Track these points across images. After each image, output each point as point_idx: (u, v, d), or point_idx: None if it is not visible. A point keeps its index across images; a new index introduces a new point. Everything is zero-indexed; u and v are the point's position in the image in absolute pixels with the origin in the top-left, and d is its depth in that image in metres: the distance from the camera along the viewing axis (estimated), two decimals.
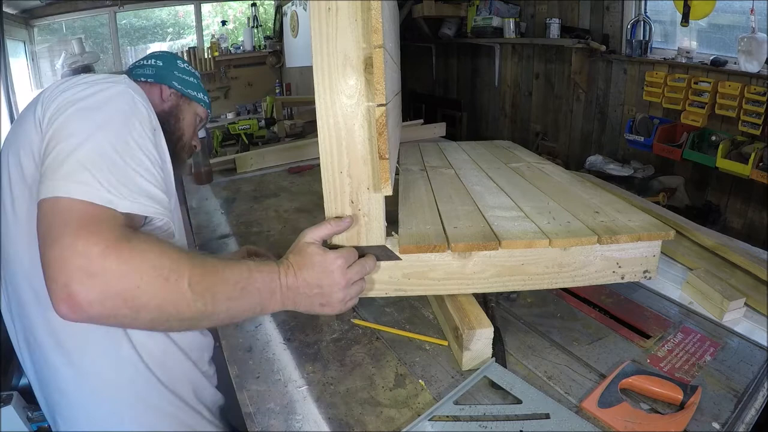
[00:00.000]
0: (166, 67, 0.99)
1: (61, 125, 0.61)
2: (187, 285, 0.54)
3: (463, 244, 0.76)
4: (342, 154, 0.71)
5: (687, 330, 0.83)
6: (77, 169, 0.56)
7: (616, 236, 0.77)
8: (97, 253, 0.50)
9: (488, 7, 3.54)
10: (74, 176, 0.55)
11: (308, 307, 0.68)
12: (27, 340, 0.74)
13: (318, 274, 0.66)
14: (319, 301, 0.67)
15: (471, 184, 1.11)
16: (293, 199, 1.59)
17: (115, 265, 0.51)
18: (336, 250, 0.69)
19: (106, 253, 0.50)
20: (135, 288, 0.51)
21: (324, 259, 0.67)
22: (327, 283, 0.67)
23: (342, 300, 0.69)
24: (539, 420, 0.64)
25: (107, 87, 0.67)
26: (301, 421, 0.66)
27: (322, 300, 0.67)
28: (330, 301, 0.68)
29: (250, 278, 0.61)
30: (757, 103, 2.07)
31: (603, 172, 2.58)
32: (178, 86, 1.00)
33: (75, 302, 0.49)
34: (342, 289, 0.68)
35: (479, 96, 4.19)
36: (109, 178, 0.57)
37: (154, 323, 0.55)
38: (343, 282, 0.68)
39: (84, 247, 0.50)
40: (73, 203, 0.54)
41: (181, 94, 1.01)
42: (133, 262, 0.52)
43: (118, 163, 0.60)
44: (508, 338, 0.82)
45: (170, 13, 5.26)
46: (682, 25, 2.35)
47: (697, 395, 0.65)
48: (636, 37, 2.70)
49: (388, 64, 0.81)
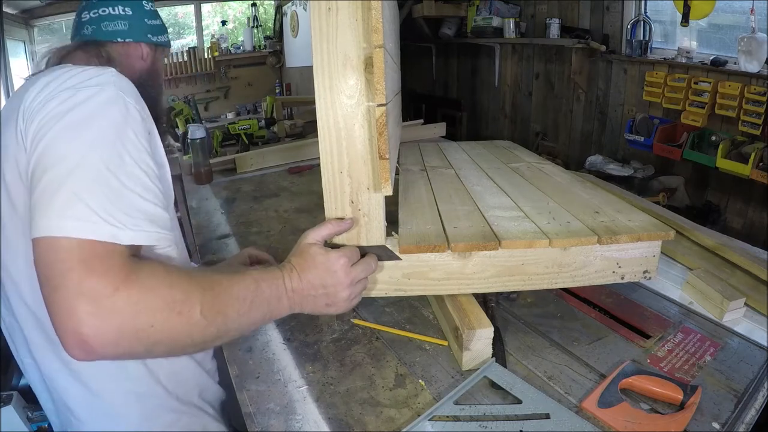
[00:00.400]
0: (136, 16, 0.89)
1: (47, 146, 0.56)
2: (199, 314, 0.53)
3: (463, 244, 0.76)
4: (342, 154, 0.71)
5: (687, 330, 0.83)
6: (72, 202, 0.52)
7: (616, 236, 0.77)
8: (106, 294, 0.48)
9: (488, 7, 3.54)
10: (70, 211, 0.51)
11: (314, 308, 0.68)
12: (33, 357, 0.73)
13: (322, 274, 0.66)
14: (325, 301, 0.68)
15: (471, 184, 1.11)
16: (293, 199, 1.59)
17: (126, 305, 0.49)
18: (338, 249, 0.69)
19: (115, 294, 0.49)
20: (148, 327, 0.50)
21: (327, 259, 0.67)
22: (331, 283, 0.67)
23: (347, 299, 0.69)
24: (539, 420, 0.64)
25: (95, 93, 0.60)
26: (301, 421, 0.66)
27: (327, 300, 0.68)
28: (335, 301, 0.68)
29: (258, 290, 0.61)
30: (757, 103, 2.07)
31: (603, 172, 2.58)
32: (153, 39, 0.91)
33: (88, 346, 0.48)
34: (347, 288, 0.68)
35: (479, 96, 4.18)
36: (108, 207, 0.53)
37: (168, 354, 0.55)
38: (347, 281, 0.68)
39: (91, 290, 0.48)
40: (72, 243, 0.50)
41: (155, 45, 0.93)
42: (145, 300, 0.50)
43: (114, 186, 0.55)
44: (508, 338, 0.82)
45: (170, 13, 5.25)
46: (682, 25, 2.34)
47: (697, 395, 0.65)
48: (636, 37, 2.70)
49: (388, 64, 0.81)
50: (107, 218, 0.52)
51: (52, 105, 0.59)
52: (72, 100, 0.59)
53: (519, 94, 3.75)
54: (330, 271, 0.67)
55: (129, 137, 0.60)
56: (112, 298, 0.48)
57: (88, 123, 0.58)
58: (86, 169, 0.54)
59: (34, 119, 0.59)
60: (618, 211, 0.89)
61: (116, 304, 0.48)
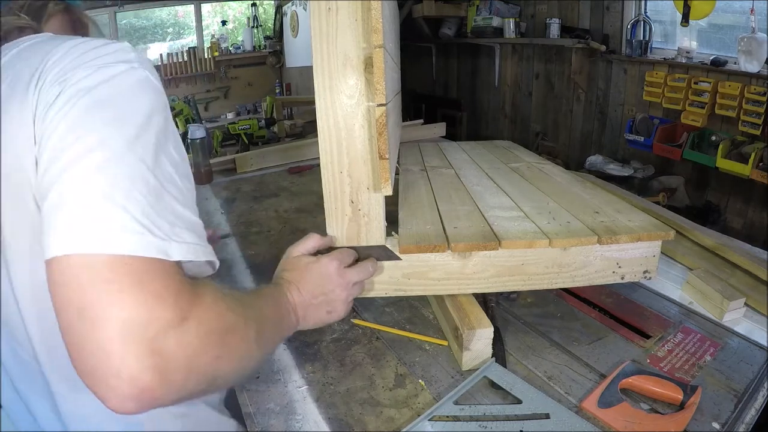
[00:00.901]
0: None
1: (71, 128, 0.42)
2: (254, 338, 0.48)
3: (463, 244, 0.76)
4: (342, 154, 0.71)
5: (687, 330, 0.83)
6: (108, 209, 0.40)
7: (616, 236, 0.77)
8: (173, 325, 0.38)
9: (488, 7, 3.54)
10: (108, 221, 0.39)
11: (316, 318, 0.66)
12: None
13: (318, 281, 0.66)
14: (326, 308, 0.67)
15: (471, 184, 1.11)
16: (293, 199, 1.59)
17: (195, 338, 0.40)
18: (328, 254, 0.70)
19: (183, 325, 0.39)
20: (215, 359, 0.42)
21: (319, 264, 0.67)
22: (329, 288, 0.67)
23: (345, 300, 0.69)
24: (539, 420, 0.64)
25: (124, 71, 0.47)
26: (301, 421, 0.66)
27: (327, 307, 0.67)
28: (335, 306, 0.68)
29: (277, 308, 0.59)
30: (757, 103, 2.07)
31: (603, 172, 2.58)
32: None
33: (149, 395, 0.37)
34: (343, 290, 0.68)
35: (479, 96, 4.18)
36: (149, 213, 0.41)
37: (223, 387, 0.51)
38: (342, 281, 0.68)
39: (154, 321, 0.37)
40: (114, 261, 0.38)
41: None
42: (216, 330, 0.42)
43: (153, 187, 0.43)
44: (508, 338, 0.82)
45: (170, 13, 5.25)
46: (682, 25, 2.35)
47: (697, 395, 0.65)
48: (636, 37, 2.70)
49: (388, 64, 0.81)
50: (151, 227, 0.41)
51: (78, 77, 0.45)
52: (99, 75, 0.46)
53: (519, 94, 3.75)
54: (324, 275, 0.67)
55: (159, 125, 0.48)
56: (180, 330, 0.39)
57: (118, 105, 0.46)
58: (121, 165, 0.42)
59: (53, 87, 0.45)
60: (618, 211, 0.89)
61: (185, 338, 0.39)
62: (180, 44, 5.25)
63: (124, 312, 0.37)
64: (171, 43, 5.28)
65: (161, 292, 0.39)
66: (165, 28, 5.29)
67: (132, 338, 0.37)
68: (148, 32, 5.17)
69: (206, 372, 0.42)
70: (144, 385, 0.37)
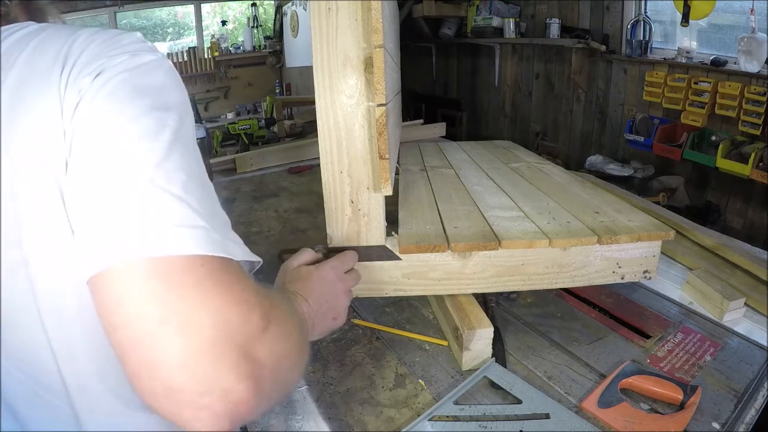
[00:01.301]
0: None
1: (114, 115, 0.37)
2: (306, 343, 0.48)
3: (463, 244, 0.76)
4: (342, 154, 0.71)
5: (687, 330, 0.83)
6: (170, 204, 0.35)
7: (616, 236, 0.77)
8: (258, 333, 0.35)
9: (488, 7, 3.54)
10: (174, 217, 0.34)
11: (323, 327, 0.64)
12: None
13: (322, 288, 0.64)
14: (331, 315, 0.65)
15: (471, 184, 1.11)
16: (293, 199, 1.59)
17: (278, 342, 0.37)
18: (328, 260, 0.69)
19: (268, 331, 0.36)
20: (293, 364, 0.40)
21: (320, 272, 0.66)
22: (331, 294, 0.65)
23: (347, 306, 0.68)
24: (539, 420, 0.64)
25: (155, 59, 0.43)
26: (301, 421, 0.66)
27: (332, 313, 0.65)
28: (338, 312, 0.66)
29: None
30: (757, 103, 2.07)
31: (603, 172, 2.58)
32: None
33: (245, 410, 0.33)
34: (345, 295, 0.67)
35: (479, 96, 4.18)
36: (208, 209, 0.38)
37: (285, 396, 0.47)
38: (344, 287, 0.68)
39: (244, 328, 0.34)
40: (190, 262, 0.34)
41: None
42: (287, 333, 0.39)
43: (202, 182, 0.39)
44: (508, 338, 0.82)
45: (170, 14, 5.25)
46: (682, 25, 2.34)
47: (697, 395, 0.65)
48: (636, 37, 2.70)
49: (388, 64, 0.81)
50: (212, 223, 0.37)
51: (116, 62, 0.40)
52: (138, 59, 0.41)
53: (519, 94, 3.75)
54: (327, 283, 0.65)
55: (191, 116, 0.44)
56: (267, 335, 0.36)
57: (158, 93, 0.40)
58: (171, 153, 0.37)
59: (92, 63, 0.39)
60: (618, 211, 0.89)
61: (272, 344, 0.36)
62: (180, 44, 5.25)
63: (217, 317, 0.33)
64: (171, 43, 5.28)
65: (246, 294, 0.36)
66: (165, 28, 5.29)
67: (226, 346, 0.32)
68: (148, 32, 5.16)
69: (285, 379, 0.39)
70: (239, 398, 0.33)
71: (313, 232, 1.31)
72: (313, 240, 1.26)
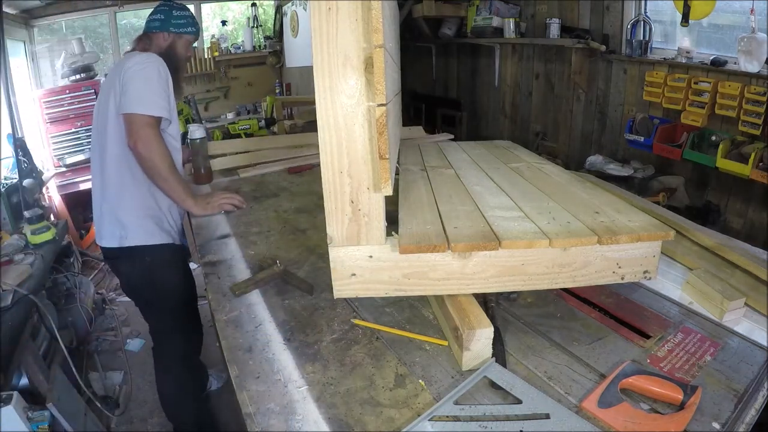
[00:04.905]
0: (165, 19, 1.56)
1: (130, 78, 1.36)
2: (168, 172, 1.39)
3: (463, 244, 0.76)
4: (342, 154, 0.71)
5: (687, 330, 0.83)
6: (141, 97, 1.34)
7: (617, 236, 0.77)
8: (151, 137, 1.34)
9: (488, 7, 3.54)
10: (140, 101, 1.34)
11: (187, 192, 1.48)
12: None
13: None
14: (200, 200, 1.50)
15: (471, 184, 1.11)
16: (293, 199, 1.59)
17: (155, 145, 1.34)
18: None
19: (152, 136, 1.34)
20: (155, 163, 1.36)
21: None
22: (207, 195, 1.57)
23: (206, 200, 1.51)
24: (539, 420, 0.64)
25: (150, 61, 1.41)
26: (301, 421, 0.66)
27: (201, 199, 1.51)
28: (202, 199, 1.51)
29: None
30: (757, 103, 2.07)
31: (603, 172, 2.58)
32: (174, 30, 1.57)
33: (139, 146, 1.32)
34: (212, 197, 1.52)
35: (479, 96, 4.18)
36: (164, 99, 1.40)
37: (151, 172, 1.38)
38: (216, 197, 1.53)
39: (146, 133, 1.32)
40: (141, 117, 1.33)
41: (176, 33, 1.58)
42: (157, 146, 1.35)
43: (157, 90, 1.37)
44: (508, 338, 0.82)
45: None
46: (682, 25, 2.34)
47: (697, 395, 0.65)
48: (636, 37, 2.69)
49: (388, 64, 0.81)
50: (149, 104, 1.36)
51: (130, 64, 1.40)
52: (140, 64, 1.40)
53: (519, 94, 3.75)
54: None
55: (163, 77, 1.42)
56: (152, 138, 1.34)
57: (146, 69, 1.39)
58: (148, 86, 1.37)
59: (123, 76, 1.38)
60: (618, 211, 0.89)
61: (152, 144, 1.34)
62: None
63: (140, 132, 1.33)
64: None
65: (149, 127, 1.35)
66: None
67: (140, 137, 1.33)
68: None
69: (152, 161, 1.36)
70: (135, 142, 1.34)
71: (313, 232, 1.31)
72: (313, 240, 1.26)
